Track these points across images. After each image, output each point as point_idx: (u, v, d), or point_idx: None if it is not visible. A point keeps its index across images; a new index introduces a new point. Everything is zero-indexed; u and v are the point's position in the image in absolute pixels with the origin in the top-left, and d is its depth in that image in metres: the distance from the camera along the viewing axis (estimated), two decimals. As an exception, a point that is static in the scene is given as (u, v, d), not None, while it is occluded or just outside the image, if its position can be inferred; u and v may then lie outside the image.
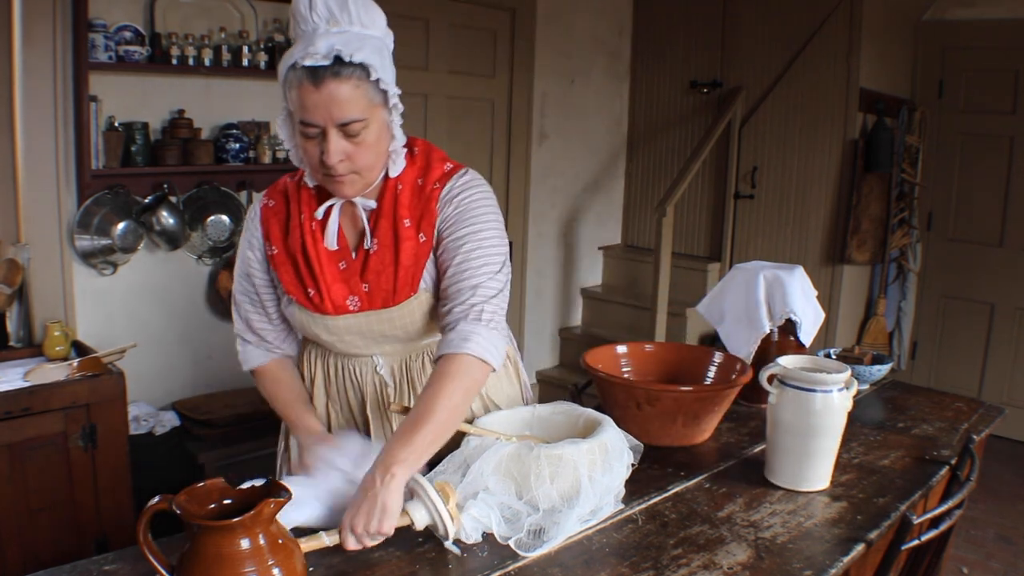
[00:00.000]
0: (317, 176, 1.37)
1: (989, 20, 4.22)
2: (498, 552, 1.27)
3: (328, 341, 1.49)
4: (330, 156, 1.29)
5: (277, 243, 1.45)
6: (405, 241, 1.39)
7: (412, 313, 1.43)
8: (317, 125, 1.27)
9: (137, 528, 1.04)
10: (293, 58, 1.26)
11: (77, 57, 2.73)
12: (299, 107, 1.27)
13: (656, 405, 1.66)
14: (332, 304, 1.42)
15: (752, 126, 4.44)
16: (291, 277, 1.44)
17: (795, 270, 2.04)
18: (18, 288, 2.65)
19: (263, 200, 1.49)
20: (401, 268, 1.40)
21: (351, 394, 1.57)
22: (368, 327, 1.44)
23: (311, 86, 1.24)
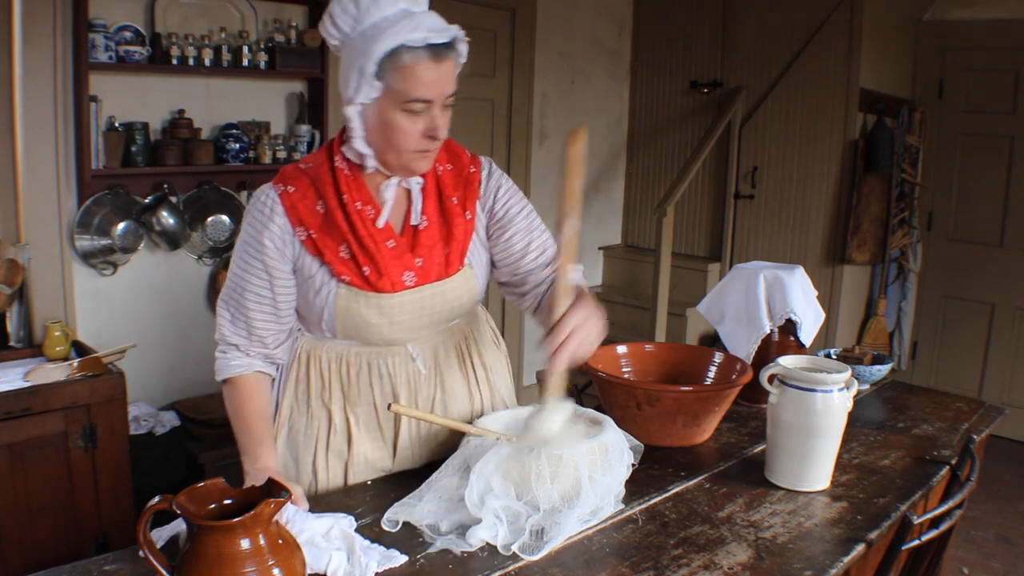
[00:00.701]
0: (402, 156, 1.38)
1: (989, 20, 4.22)
2: (498, 552, 1.27)
3: (376, 324, 1.45)
4: (441, 129, 1.36)
5: (314, 227, 1.41)
6: (455, 217, 1.47)
7: (461, 286, 1.49)
8: (428, 100, 1.32)
9: (137, 528, 1.04)
10: (400, 38, 1.28)
11: (77, 57, 2.73)
12: (414, 84, 1.30)
13: (656, 405, 1.66)
14: (390, 281, 1.42)
15: (752, 126, 4.44)
16: (342, 258, 1.41)
17: (795, 270, 2.05)
18: (18, 288, 2.65)
19: (278, 189, 1.42)
20: (453, 241, 1.47)
21: (376, 392, 1.52)
22: (421, 303, 1.46)
23: (431, 62, 1.31)
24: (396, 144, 1.36)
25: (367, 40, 1.30)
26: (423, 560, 1.24)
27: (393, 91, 1.31)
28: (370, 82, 1.31)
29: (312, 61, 3.24)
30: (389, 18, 1.30)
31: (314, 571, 1.17)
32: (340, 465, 1.53)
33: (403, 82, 1.30)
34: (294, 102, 3.39)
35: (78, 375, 2.47)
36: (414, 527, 1.33)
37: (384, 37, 1.28)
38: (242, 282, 1.44)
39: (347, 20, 1.33)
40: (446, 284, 1.47)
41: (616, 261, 4.96)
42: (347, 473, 1.54)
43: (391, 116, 1.34)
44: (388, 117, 1.34)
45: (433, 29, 1.30)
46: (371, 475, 1.55)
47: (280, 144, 3.24)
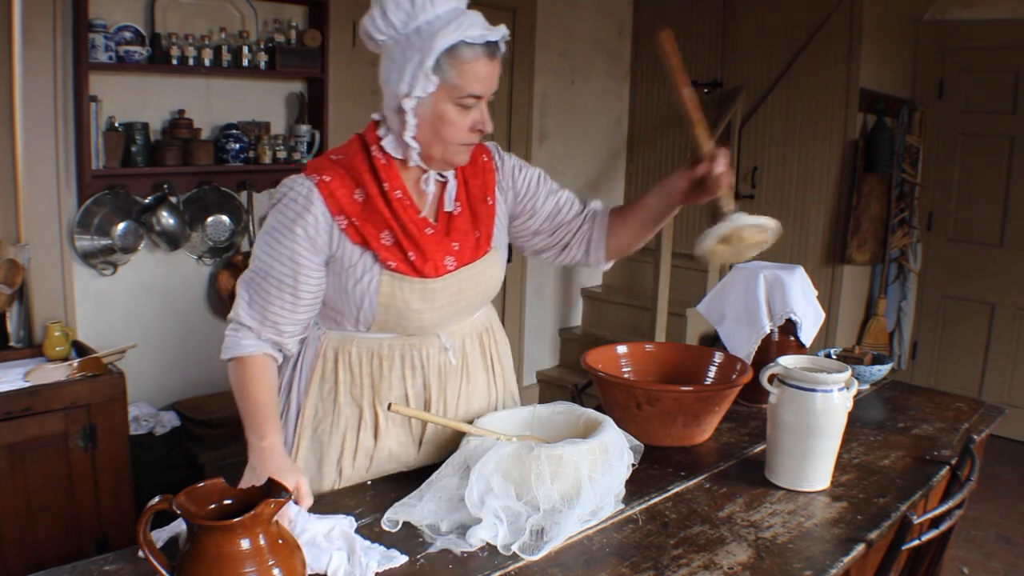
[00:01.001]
0: (448, 148, 1.43)
1: (989, 20, 4.22)
2: (498, 552, 1.27)
3: (417, 310, 1.47)
4: (488, 124, 1.43)
5: (355, 214, 1.43)
6: (479, 204, 1.55)
7: (490, 268, 1.56)
8: (480, 96, 1.39)
9: (137, 528, 1.04)
10: (460, 35, 1.33)
11: (77, 57, 2.73)
12: (471, 80, 1.37)
13: (656, 405, 1.66)
14: (434, 265, 1.47)
15: (752, 126, 4.44)
16: (385, 245, 1.44)
17: (795, 270, 2.05)
18: (18, 288, 2.65)
19: (313, 179, 1.41)
20: (481, 224, 1.55)
21: (408, 384, 1.54)
22: (459, 285, 1.51)
23: (488, 59, 1.37)
24: (445, 137, 1.41)
25: (424, 36, 1.35)
26: (423, 560, 1.24)
27: (449, 86, 1.37)
28: (428, 76, 1.35)
29: (312, 61, 3.24)
30: (442, 16, 1.36)
31: (314, 571, 1.17)
32: (366, 461, 1.55)
33: (460, 77, 1.36)
34: (294, 102, 3.39)
35: (78, 375, 2.47)
36: (414, 527, 1.34)
37: (444, 33, 1.33)
38: (266, 267, 1.44)
39: (400, 16, 1.36)
40: (480, 265, 1.54)
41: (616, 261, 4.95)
42: (370, 468, 1.55)
43: (444, 110, 1.39)
44: (442, 111, 1.39)
45: (487, 27, 1.37)
46: (394, 469, 1.57)
47: (280, 144, 3.24)
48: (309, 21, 3.33)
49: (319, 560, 1.18)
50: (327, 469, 1.54)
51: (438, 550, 1.27)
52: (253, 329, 1.46)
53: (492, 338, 1.69)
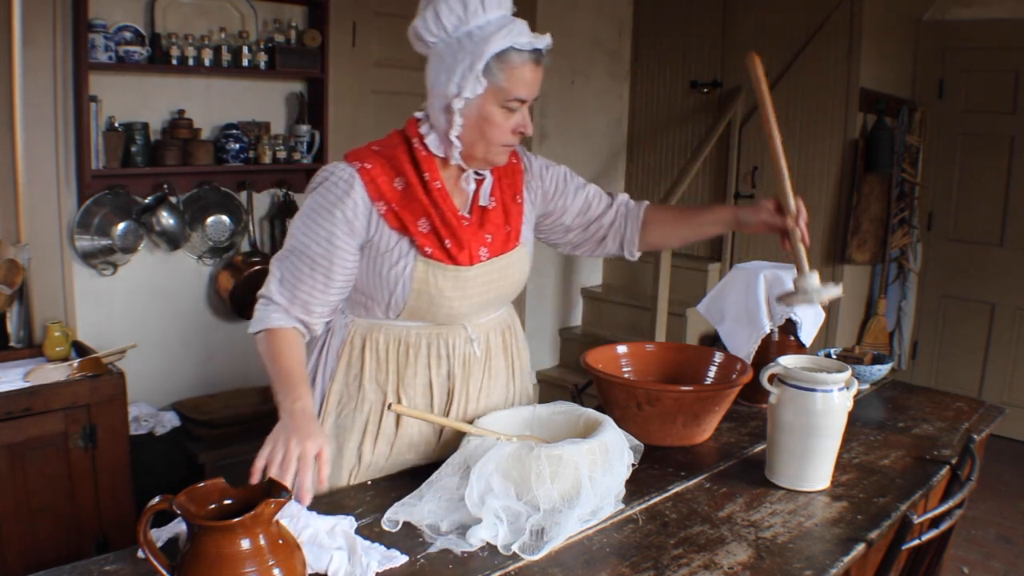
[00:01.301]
0: (491, 149, 1.49)
1: (989, 20, 4.22)
2: (498, 552, 1.27)
3: (449, 298, 1.51)
4: (529, 127, 1.50)
5: (394, 201, 1.48)
6: (510, 201, 1.62)
7: (518, 262, 1.62)
8: (524, 100, 1.46)
9: (137, 528, 1.04)
10: (510, 40, 1.40)
11: (77, 57, 2.73)
12: (518, 84, 1.43)
13: (656, 405, 1.66)
14: (469, 254, 1.52)
15: (753, 126, 4.44)
16: (422, 232, 1.48)
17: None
18: (18, 288, 2.65)
19: (354, 166, 1.47)
20: (512, 220, 1.61)
21: (433, 372, 1.57)
22: (490, 276, 1.56)
23: (534, 65, 1.45)
24: (489, 137, 1.47)
25: (475, 40, 1.41)
26: (423, 560, 1.24)
27: (497, 88, 1.43)
28: (477, 78, 1.41)
29: (312, 61, 3.24)
30: (493, 22, 1.42)
31: (315, 571, 1.17)
32: (386, 448, 1.57)
33: (508, 81, 1.42)
34: (294, 102, 3.39)
35: (78, 375, 2.47)
36: (414, 527, 1.34)
37: (495, 38, 1.40)
38: (302, 247, 1.48)
39: (452, 20, 1.42)
40: (510, 258, 1.59)
41: (616, 261, 4.95)
42: (390, 456, 1.58)
43: (490, 111, 1.45)
44: (487, 112, 1.45)
45: (534, 35, 1.43)
46: (413, 457, 1.59)
47: (280, 144, 3.24)
48: (309, 21, 3.33)
49: (319, 560, 1.18)
50: (348, 454, 1.57)
51: (438, 550, 1.27)
52: (282, 306, 1.49)
53: (514, 336, 1.73)
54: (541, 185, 1.69)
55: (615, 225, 1.75)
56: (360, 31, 3.57)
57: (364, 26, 3.58)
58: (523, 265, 1.65)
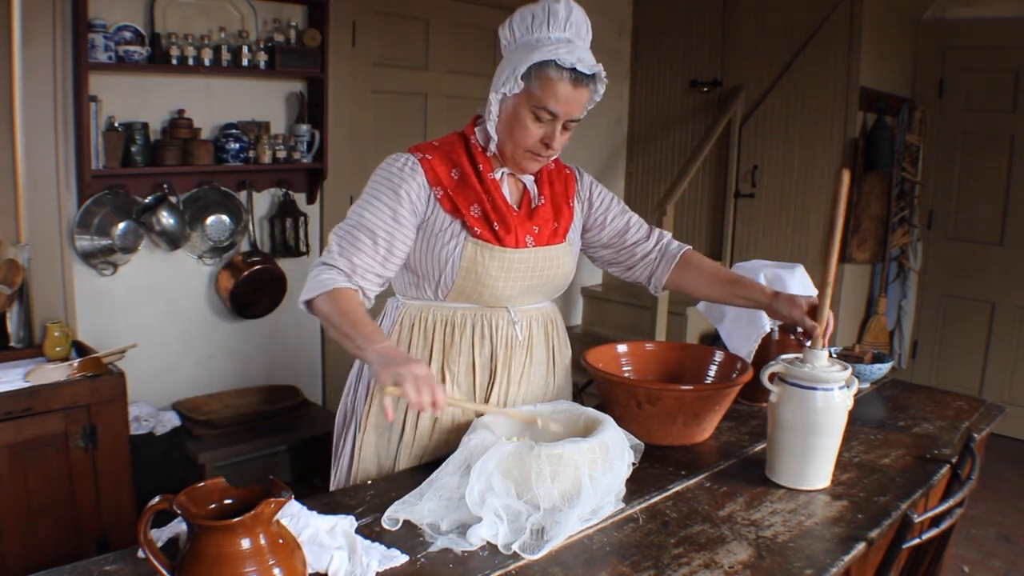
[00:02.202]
0: (517, 151, 1.61)
1: (989, 19, 4.22)
2: (499, 551, 1.27)
3: (494, 277, 1.60)
4: (556, 142, 1.60)
5: (450, 187, 1.60)
6: (563, 203, 1.74)
7: (563, 257, 1.71)
8: (555, 115, 1.55)
9: (138, 528, 1.04)
10: (554, 56, 1.51)
11: (77, 57, 2.73)
12: (550, 96, 1.53)
13: (657, 404, 1.66)
14: (515, 238, 1.62)
15: (752, 125, 4.44)
16: (474, 216, 1.59)
17: (796, 269, 2.04)
18: (18, 288, 2.65)
19: (416, 156, 1.61)
20: (562, 219, 1.72)
21: (476, 352, 1.66)
22: (535, 263, 1.65)
23: (571, 85, 1.54)
24: (516, 138, 1.59)
25: (528, 48, 1.54)
26: (424, 559, 1.24)
27: (530, 94, 1.54)
28: (516, 79, 1.53)
29: (312, 61, 3.24)
30: (552, 40, 1.54)
31: (315, 570, 1.17)
32: (429, 423, 1.65)
33: (541, 90, 1.53)
34: (294, 102, 3.39)
35: (78, 375, 2.47)
36: (415, 526, 1.34)
37: (542, 51, 1.52)
38: (365, 221, 1.57)
39: (521, 28, 1.57)
40: (556, 250, 1.69)
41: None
42: (433, 431, 1.65)
43: (521, 113, 1.56)
44: (519, 113, 1.56)
45: (582, 60, 1.53)
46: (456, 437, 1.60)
47: (280, 144, 3.24)
48: (309, 21, 3.33)
49: (320, 559, 1.18)
50: (395, 426, 1.66)
51: (439, 549, 1.27)
52: (344, 271, 1.55)
53: (556, 332, 1.81)
54: (588, 197, 1.83)
55: (648, 259, 1.86)
56: (360, 31, 3.57)
57: (364, 26, 3.58)
58: (568, 260, 1.73)
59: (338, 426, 1.77)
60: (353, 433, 1.70)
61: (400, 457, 1.66)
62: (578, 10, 1.59)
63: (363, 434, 1.68)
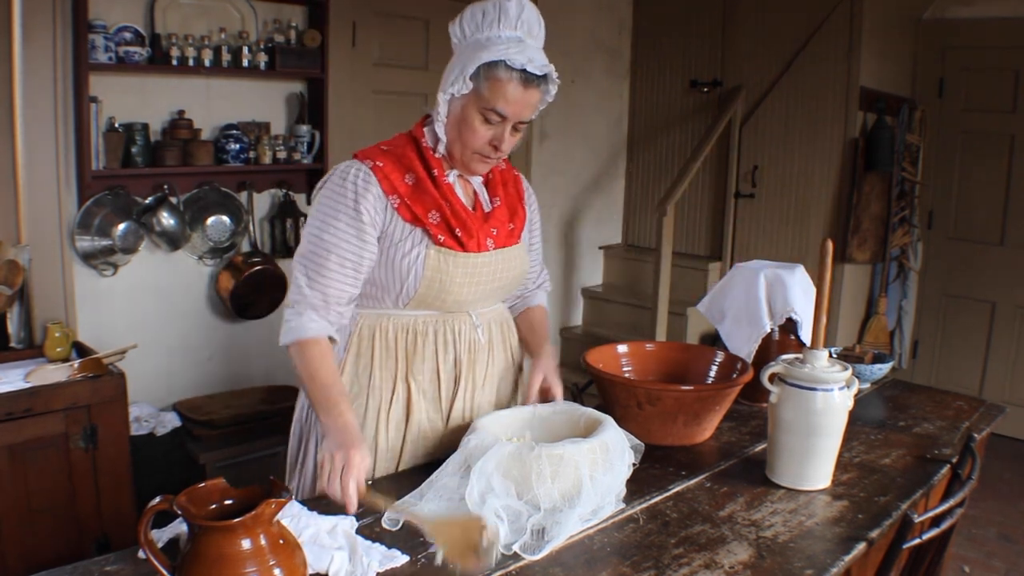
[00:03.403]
0: (466, 153, 1.57)
1: (989, 19, 4.22)
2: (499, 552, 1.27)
3: (459, 284, 1.58)
4: (506, 144, 1.56)
5: (406, 195, 1.55)
6: (517, 204, 1.73)
7: (520, 257, 1.70)
8: (504, 116, 1.51)
9: (138, 529, 1.04)
10: (503, 55, 1.47)
11: (77, 58, 2.73)
12: (499, 97, 1.49)
13: (657, 404, 1.66)
14: (477, 242, 1.59)
15: (752, 125, 4.44)
16: (433, 223, 1.56)
17: (796, 269, 2.04)
18: (19, 289, 2.65)
19: (367, 164, 1.55)
20: (517, 219, 1.70)
21: (440, 359, 1.63)
22: (496, 265, 1.63)
23: (520, 86, 1.50)
24: (464, 139, 1.55)
25: (477, 47, 1.50)
26: (424, 559, 1.24)
27: (479, 95, 1.50)
28: (464, 80, 1.50)
29: (312, 61, 3.24)
30: (503, 39, 1.51)
31: (315, 571, 1.17)
32: (398, 436, 1.62)
33: (490, 91, 1.49)
34: (294, 102, 3.39)
35: (79, 376, 2.47)
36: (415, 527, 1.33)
37: (492, 50, 1.48)
38: (328, 246, 1.52)
39: (471, 26, 1.53)
40: (514, 251, 1.68)
41: (616, 260, 4.96)
42: (403, 446, 1.62)
43: (469, 114, 1.52)
44: (467, 114, 1.53)
45: (533, 60, 1.49)
46: (424, 451, 1.62)
47: (280, 144, 3.24)
48: (309, 21, 3.33)
49: (320, 560, 1.18)
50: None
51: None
52: (319, 309, 1.53)
53: (510, 330, 1.79)
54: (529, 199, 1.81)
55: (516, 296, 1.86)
56: (360, 31, 3.57)
57: (364, 26, 3.58)
58: (524, 260, 1.72)
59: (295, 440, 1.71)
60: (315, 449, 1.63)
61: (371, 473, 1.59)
62: (530, 8, 1.54)
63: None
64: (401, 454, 1.63)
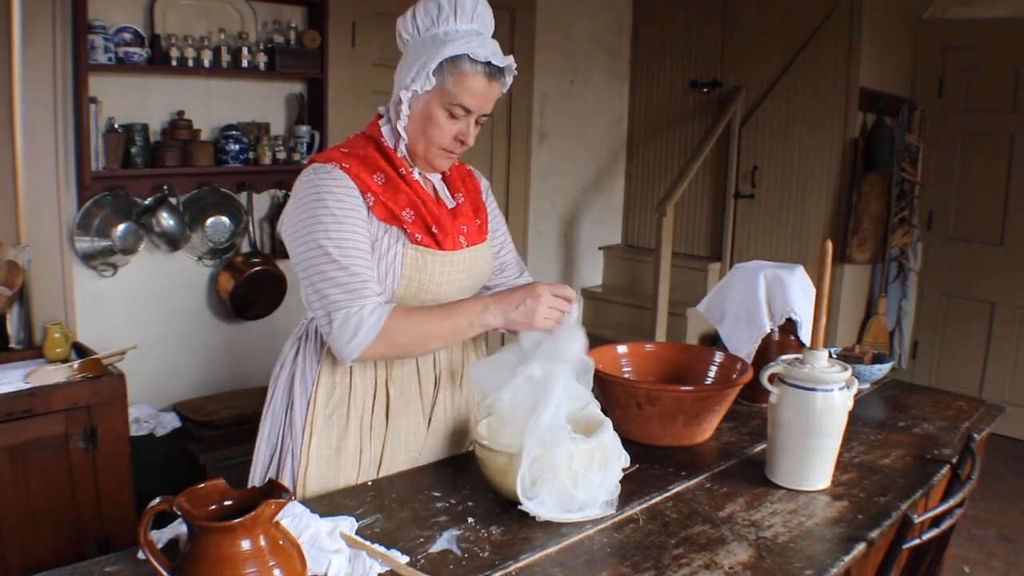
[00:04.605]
0: (431, 149, 1.55)
1: (989, 19, 4.22)
2: (498, 552, 1.27)
3: (437, 283, 1.56)
4: (470, 138, 1.55)
5: (379, 193, 1.52)
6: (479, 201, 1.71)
7: (487, 253, 1.69)
8: (470, 111, 1.51)
9: (138, 529, 1.04)
10: (466, 49, 1.47)
11: (77, 59, 2.73)
12: (464, 92, 1.49)
13: (657, 405, 1.66)
14: (452, 239, 1.58)
15: (752, 125, 4.44)
16: (409, 219, 1.53)
17: (795, 269, 2.04)
18: (18, 290, 2.65)
19: (336, 165, 1.49)
20: (481, 214, 1.70)
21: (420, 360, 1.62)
22: (470, 262, 1.62)
23: (485, 79, 1.50)
24: (429, 136, 1.53)
25: (437, 42, 1.49)
26: (424, 560, 1.24)
27: (443, 90, 1.49)
28: (427, 76, 1.48)
29: (312, 62, 3.24)
30: (461, 32, 1.50)
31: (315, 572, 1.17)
32: (379, 441, 1.59)
33: (455, 85, 1.48)
34: (294, 103, 3.39)
35: (78, 376, 2.47)
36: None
37: (454, 44, 1.47)
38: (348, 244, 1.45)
39: (426, 21, 1.51)
40: (483, 248, 1.67)
41: (616, 261, 4.96)
42: (383, 452, 1.59)
43: (434, 110, 1.51)
44: (431, 111, 1.51)
45: (496, 53, 1.50)
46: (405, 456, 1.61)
47: (280, 145, 3.24)
48: (308, 22, 3.33)
49: (320, 561, 1.18)
50: (347, 452, 1.57)
51: (439, 550, 1.27)
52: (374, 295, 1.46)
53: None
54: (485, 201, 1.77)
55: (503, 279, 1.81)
56: (359, 31, 3.57)
57: (363, 26, 3.59)
58: (491, 257, 1.73)
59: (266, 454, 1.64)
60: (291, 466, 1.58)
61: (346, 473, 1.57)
62: (484, 2, 1.54)
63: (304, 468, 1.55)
64: (381, 460, 1.59)
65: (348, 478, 1.57)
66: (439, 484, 1.51)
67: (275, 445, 1.63)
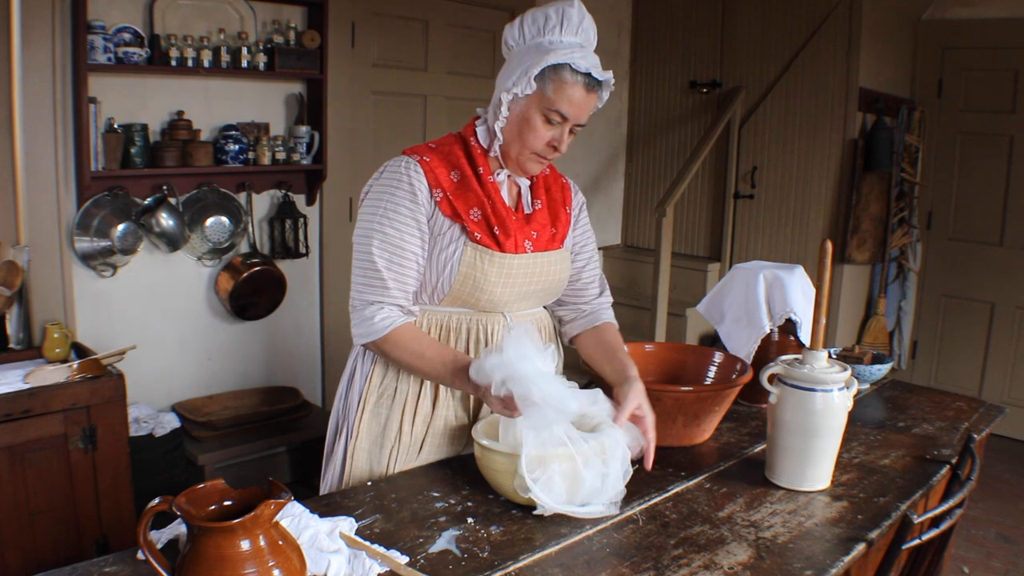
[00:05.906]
0: (523, 152, 1.60)
1: (988, 19, 4.22)
2: (498, 552, 1.27)
3: (493, 283, 1.59)
4: (564, 144, 1.60)
5: (450, 190, 1.59)
6: (560, 208, 1.74)
7: (561, 263, 1.70)
8: (566, 118, 1.56)
9: (138, 530, 1.04)
10: (569, 59, 1.52)
11: (76, 59, 2.73)
12: (563, 99, 1.54)
13: (656, 405, 1.66)
14: (514, 243, 1.61)
15: (752, 126, 4.44)
16: (473, 220, 1.58)
17: (795, 270, 2.04)
18: (18, 290, 2.65)
19: (415, 158, 1.59)
20: (559, 225, 1.72)
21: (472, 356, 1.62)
22: (533, 268, 1.64)
23: (584, 89, 1.55)
24: (524, 139, 1.59)
25: (541, 51, 1.55)
26: (423, 560, 1.24)
27: (543, 96, 1.55)
28: (529, 80, 1.54)
29: (311, 62, 3.24)
30: (565, 44, 1.55)
31: (314, 573, 1.17)
32: (423, 427, 1.65)
33: (555, 92, 1.54)
34: (293, 103, 3.39)
35: (78, 377, 2.47)
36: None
37: (557, 53, 1.53)
38: (398, 242, 1.56)
39: (532, 30, 1.58)
40: (553, 255, 1.68)
41: (616, 261, 4.96)
42: (425, 438, 1.65)
43: (532, 115, 1.56)
44: (529, 114, 1.57)
45: (596, 66, 1.56)
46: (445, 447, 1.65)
47: (279, 145, 3.24)
48: (308, 22, 3.33)
49: (319, 561, 1.18)
50: (389, 435, 1.65)
51: (439, 550, 1.27)
52: (398, 302, 1.57)
53: (548, 337, 1.78)
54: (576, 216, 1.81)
55: (576, 307, 1.83)
56: (359, 32, 3.57)
57: (363, 27, 3.59)
58: (565, 266, 1.73)
59: (331, 432, 1.76)
60: (345, 439, 1.69)
61: (392, 463, 1.65)
62: (589, 18, 1.59)
63: (355, 440, 1.67)
64: (423, 446, 1.65)
65: (392, 455, 1.64)
66: (439, 484, 1.51)
67: (338, 420, 1.73)
